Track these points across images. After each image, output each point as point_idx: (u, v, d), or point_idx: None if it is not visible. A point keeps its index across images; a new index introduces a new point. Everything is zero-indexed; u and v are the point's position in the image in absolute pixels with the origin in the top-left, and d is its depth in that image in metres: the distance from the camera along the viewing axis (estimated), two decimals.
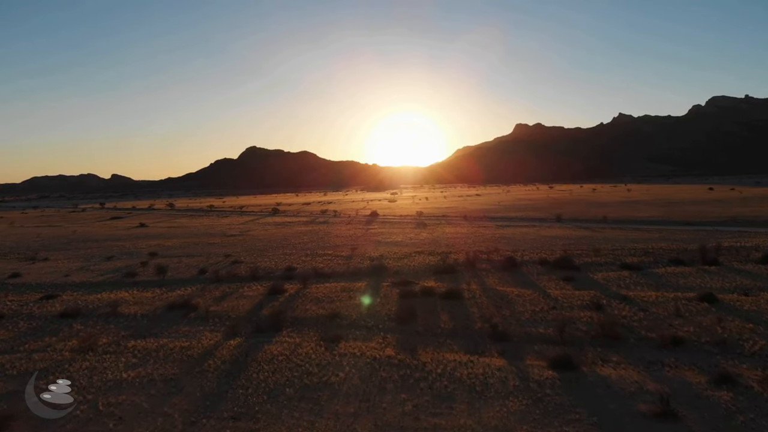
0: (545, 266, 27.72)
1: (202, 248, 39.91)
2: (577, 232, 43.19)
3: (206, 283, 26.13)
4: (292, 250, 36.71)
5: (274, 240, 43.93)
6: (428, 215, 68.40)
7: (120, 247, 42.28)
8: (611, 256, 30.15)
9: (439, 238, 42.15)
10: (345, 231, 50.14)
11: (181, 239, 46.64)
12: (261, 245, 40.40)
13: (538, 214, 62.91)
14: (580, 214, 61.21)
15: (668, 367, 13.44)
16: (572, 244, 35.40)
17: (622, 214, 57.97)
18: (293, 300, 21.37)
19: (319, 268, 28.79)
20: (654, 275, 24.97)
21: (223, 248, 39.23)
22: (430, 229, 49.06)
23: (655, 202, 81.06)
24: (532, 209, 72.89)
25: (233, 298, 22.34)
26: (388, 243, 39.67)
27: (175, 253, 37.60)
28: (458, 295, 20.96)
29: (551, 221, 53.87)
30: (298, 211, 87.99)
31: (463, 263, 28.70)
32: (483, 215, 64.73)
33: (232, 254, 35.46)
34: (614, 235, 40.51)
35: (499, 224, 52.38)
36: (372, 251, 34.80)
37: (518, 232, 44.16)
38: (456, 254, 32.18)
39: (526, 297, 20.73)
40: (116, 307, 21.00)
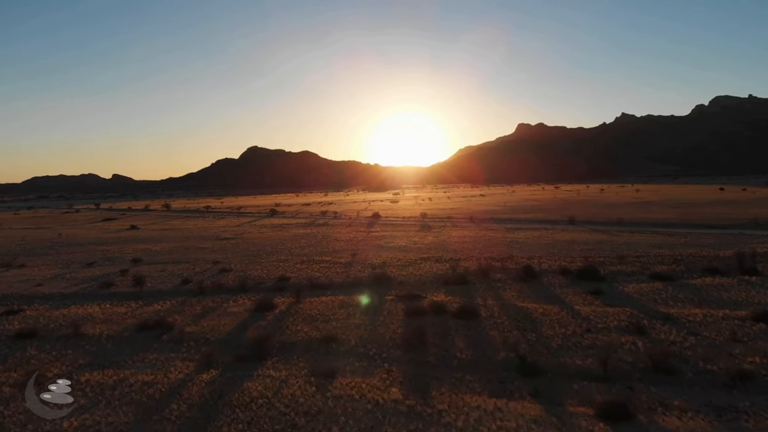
0: (567, 276, 24.93)
1: (191, 254, 37.19)
2: (593, 235, 40.37)
3: (188, 295, 23.39)
4: (288, 256, 33.96)
5: (269, 244, 41.19)
6: (432, 217, 65.60)
7: (104, 252, 39.58)
8: (638, 264, 27.35)
9: (446, 242, 39.37)
10: (345, 234, 47.39)
11: (170, 243, 43.93)
12: (254, 250, 37.67)
13: (548, 216, 60.07)
14: (592, 215, 58.38)
15: (745, 414, 10.69)
16: (592, 250, 32.60)
17: (637, 216, 55.15)
18: (283, 318, 18.61)
19: (315, 277, 26.04)
20: (691, 288, 22.18)
21: (214, 254, 36.51)
22: (436, 233, 46.28)
23: (667, 203, 78.18)
24: (541, 210, 70.03)
25: (215, 315, 19.58)
26: (391, 248, 36.91)
27: (161, 259, 34.88)
28: (474, 313, 18.18)
29: (563, 223, 51.02)
30: (297, 213, 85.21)
31: (475, 272, 25.92)
32: (490, 217, 61.95)
33: (221, 261, 32.73)
34: (635, 239, 37.69)
35: (508, 227, 49.56)
36: (374, 257, 32.05)
37: (530, 235, 41.36)
38: (466, 261, 29.39)
39: (552, 316, 17.95)
40: (79, 327, 18.26)
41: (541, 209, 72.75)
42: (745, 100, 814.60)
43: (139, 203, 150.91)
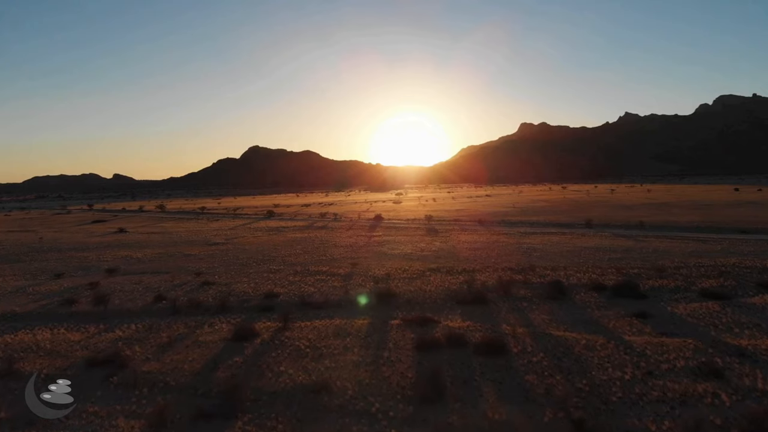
0: (603, 293, 21.37)
1: (175, 261, 33.70)
2: (617, 241, 36.76)
3: (158, 317, 19.91)
4: (280, 266, 30.44)
5: (261, 251, 37.68)
6: (438, 219, 61.95)
7: (81, 260, 36.14)
8: (680, 278, 23.76)
9: (456, 249, 35.80)
10: (345, 239, 43.84)
11: (155, 249, 40.45)
12: (244, 258, 34.16)
13: (561, 219, 56.40)
14: (609, 218, 54.68)
15: None
16: (621, 260, 29.02)
17: (658, 219, 51.48)
18: (265, 352, 15.09)
19: (309, 294, 22.52)
20: (754, 309, 18.63)
21: (199, 262, 33.01)
22: (443, 237, 42.68)
23: (685, 205, 74.44)
24: (553, 212, 66.30)
25: (183, 346, 16.06)
26: (395, 256, 33.38)
27: (139, 268, 31.40)
28: (501, 346, 14.62)
29: (581, 227, 47.39)
30: (296, 214, 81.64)
31: (494, 288, 22.37)
32: (499, 219, 58.31)
33: (205, 271, 29.22)
34: (665, 246, 34.09)
35: (520, 231, 45.95)
36: (376, 268, 28.51)
37: (547, 241, 37.76)
38: (482, 273, 25.83)
39: (599, 350, 14.40)
40: (15, 363, 14.79)
41: (553, 211, 69.01)
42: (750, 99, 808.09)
43: (136, 204, 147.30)
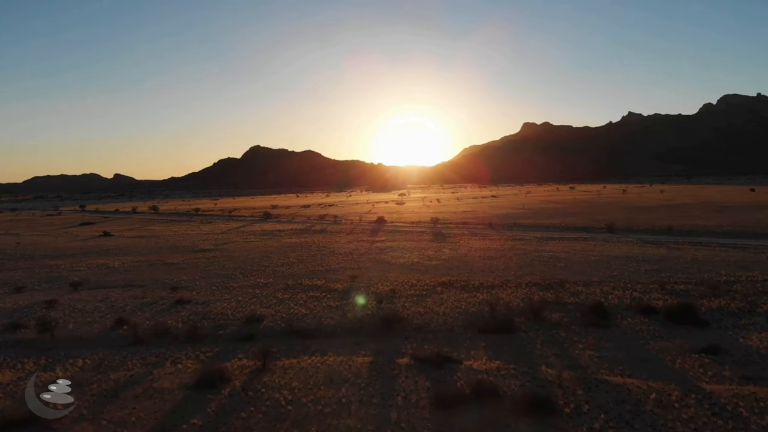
0: (654, 318, 17.72)
1: (153, 272, 30.08)
2: (648, 249, 33.03)
3: (114, 347, 16.33)
4: (269, 278, 26.78)
5: (251, 259, 34.04)
6: (445, 222, 58.17)
7: (51, 270, 32.55)
8: (738, 297, 20.08)
9: (468, 257, 32.09)
10: (345, 245, 40.17)
11: (135, 256, 36.85)
12: (231, 268, 30.51)
13: (578, 222, 52.59)
14: (630, 221, 50.81)
15: None
16: (660, 272, 25.29)
17: (682, 223, 47.67)
18: (233, 410, 11.41)
19: (298, 316, 18.88)
20: None
21: (180, 273, 29.37)
22: (453, 243, 38.96)
23: (704, 206, 70.55)
24: (567, 215, 62.41)
25: (132, 395, 12.41)
26: (400, 266, 29.71)
27: (111, 280, 27.78)
28: (548, 404, 10.95)
29: (602, 232, 43.61)
30: (294, 216, 77.88)
31: (521, 309, 18.71)
32: (510, 222, 54.49)
33: (183, 285, 25.59)
34: (703, 255, 30.35)
35: (537, 236, 42.20)
36: (379, 281, 24.84)
37: (570, 248, 34.03)
38: (503, 290, 22.13)
39: (676, 407, 10.80)
40: None
41: (567, 213, 65.05)
42: (754, 99, 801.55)
43: (134, 204, 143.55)
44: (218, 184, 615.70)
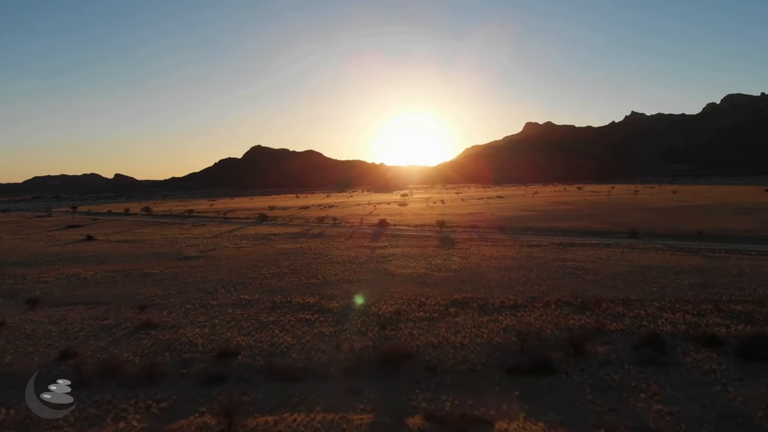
0: (722, 351, 14.27)
1: (126, 285, 26.67)
2: (682, 258, 29.50)
3: (48, 392, 12.78)
4: (255, 294, 23.33)
5: (238, 269, 30.60)
6: (451, 225, 54.53)
7: (16, 280, 29.20)
8: None
9: (482, 267, 28.57)
10: (343, 251, 36.70)
11: (112, 265, 33.45)
12: (214, 280, 27.07)
13: (595, 225, 48.92)
14: (652, 225, 47.14)
15: None
16: (706, 287, 21.78)
17: (707, 226, 44.02)
18: None
19: (283, 348, 15.43)
20: None
21: (155, 287, 25.94)
22: (462, 250, 35.40)
23: (723, 209, 66.82)
24: (581, 217, 58.65)
25: None
26: (406, 278, 26.25)
27: (75, 295, 24.37)
28: None
29: (624, 237, 39.95)
30: (292, 218, 74.26)
31: (556, 339, 15.26)
32: (522, 225, 50.82)
33: (155, 303, 22.17)
34: (748, 265, 26.82)
35: (554, 241, 38.60)
36: (382, 298, 21.38)
37: (595, 257, 30.48)
38: (530, 311, 18.63)
39: None
40: None
41: (581, 215, 61.18)
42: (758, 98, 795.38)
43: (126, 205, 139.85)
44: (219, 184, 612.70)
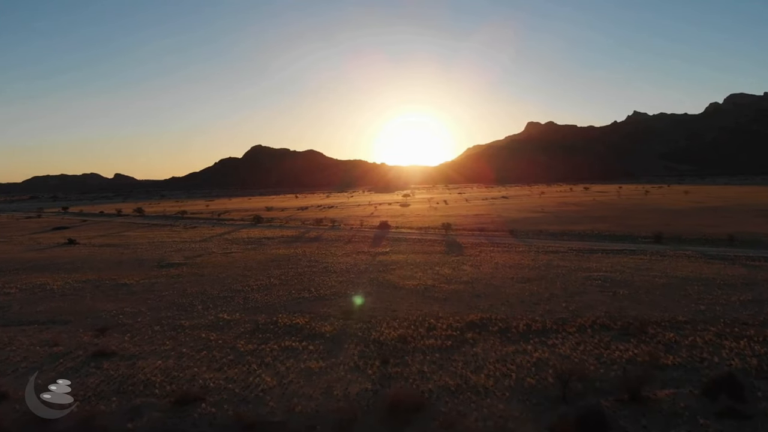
0: None
1: (93, 299, 23.49)
2: (722, 268, 26.23)
3: None
4: (235, 313, 20.11)
5: (222, 279, 27.41)
6: (457, 227, 51.24)
7: None
8: None
9: (496, 278, 25.29)
10: (341, 258, 33.49)
11: (85, 273, 30.29)
12: (192, 294, 23.87)
13: (611, 228, 45.56)
14: (671, 228, 43.72)
15: None
16: (764, 304, 18.58)
17: (735, 229, 40.63)
18: None
19: (259, 392, 12.21)
20: None
21: (124, 302, 22.77)
22: (473, 258, 32.13)
23: (743, 210, 63.43)
24: (594, 219, 55.18)
25: None
26: (411, 291, 23.03)
27: (33, 312, 21.20)
28: None
29: (648, 242, 36.65)
30: (289, 219, 71.03)
31: (602, 381, 12.04)
32: (533, 228, 47.42)
33: (118, 323, 18.98)
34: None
35: (573, 247, 35.25)
36: (384, 320, 18.17)
37: (622, 266, 27.15)
38: (560, 335, 15.39)
39: None
40: None
41: (594, 217, 57.64)
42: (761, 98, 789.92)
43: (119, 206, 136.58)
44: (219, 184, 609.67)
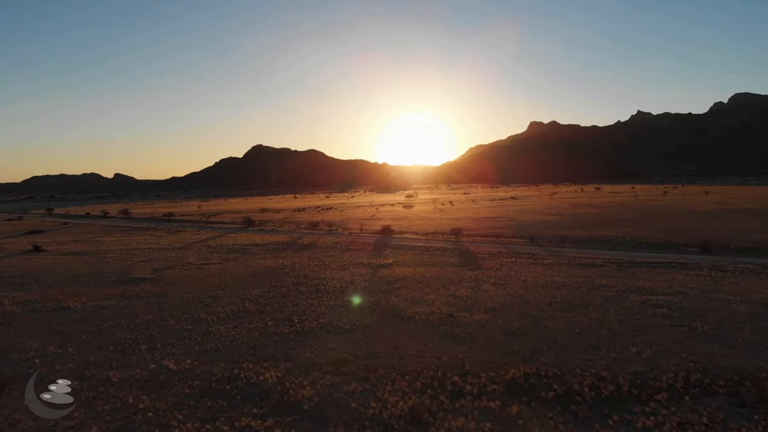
0: None
1: (15, 334, 18.35)
2: None
3: None
4: (186, 359, 14.90)
5: (186, 302, 22.21)
6: (469, 232, 45.96)
7: None
8: None
9: (529, 303, 20.03)
10: (335, 272, 28.30)
11: (28, 292, 25.12)
12: (142, 324, 18.67)
13: (643, 234, 40.30)
14: (710, 234, 38.33)
15: None
16: None
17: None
18: None
19: None
20: None
21: (53, 336, 17.60)
22: (493, 271, 26.92)
23: None
24: (619, 223, 49.85)
25: None
26: (421, 323, 17.81)
27: None
28: None
29: (693, 251, 31.58)
30: (283, 222, 65.86)
31: None
32: (555, 235, 42.13)
33: (26, 374, 13.78)
34: None
35: (609, 258, 30.11)
36: (387, 377, 12.99)
37: (680, 285, 21.96)
38: (647, 409, 10.17)
39: None
40: None
41: (618, 221, 52.19)
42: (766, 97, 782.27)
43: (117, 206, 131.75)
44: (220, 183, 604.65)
